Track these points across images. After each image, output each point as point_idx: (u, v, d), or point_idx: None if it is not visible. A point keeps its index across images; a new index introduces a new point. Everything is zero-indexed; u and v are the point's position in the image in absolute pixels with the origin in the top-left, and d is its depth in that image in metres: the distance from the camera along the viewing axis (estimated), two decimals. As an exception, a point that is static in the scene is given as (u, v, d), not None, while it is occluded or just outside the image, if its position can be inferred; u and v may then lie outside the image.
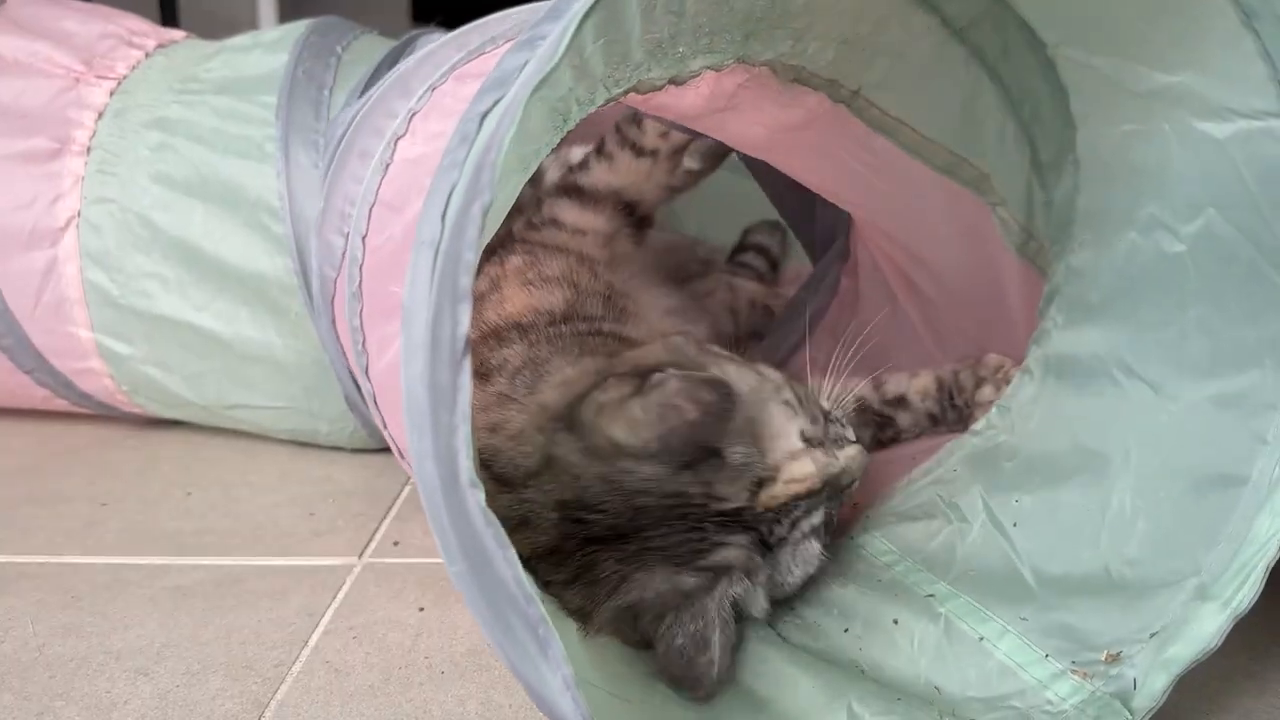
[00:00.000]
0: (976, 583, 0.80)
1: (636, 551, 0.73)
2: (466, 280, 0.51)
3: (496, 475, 0.75)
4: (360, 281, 0.87)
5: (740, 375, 0.82)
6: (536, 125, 0.60)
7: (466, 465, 0.51)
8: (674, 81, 0.74)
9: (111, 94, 1.21)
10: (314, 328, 1.11)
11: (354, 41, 1.25)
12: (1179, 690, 0.67)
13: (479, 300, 0.91)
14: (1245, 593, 0.67)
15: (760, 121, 0.89)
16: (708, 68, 0.74)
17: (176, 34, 1.34)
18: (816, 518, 0.79)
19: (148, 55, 1.27)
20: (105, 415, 1.32)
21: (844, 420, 0.87)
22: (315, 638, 0.85)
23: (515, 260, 0.97)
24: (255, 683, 0.78)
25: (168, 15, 2.79)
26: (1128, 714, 0.67)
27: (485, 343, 0.87)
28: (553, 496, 0.73)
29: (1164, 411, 0.78)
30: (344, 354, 1.07)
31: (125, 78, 1.23)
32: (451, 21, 1.29)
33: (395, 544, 1.01)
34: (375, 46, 1.24)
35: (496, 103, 0.56)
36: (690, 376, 0.73)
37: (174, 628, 0.86)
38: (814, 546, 0.79)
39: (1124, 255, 0.82)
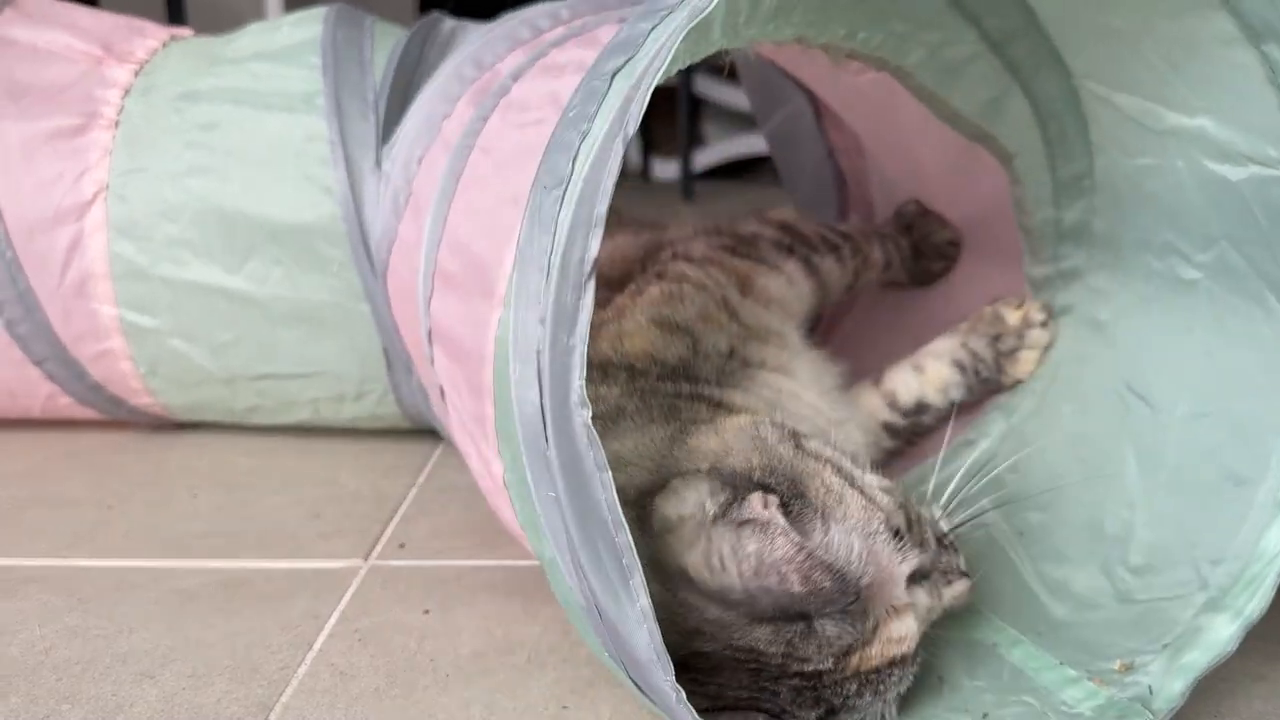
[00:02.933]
0: (988, 594, 0.81)
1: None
2: (602, 208, 0.55)
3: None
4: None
5: (846, 504, 0.68)
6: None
7: (578, 385, 0.54)
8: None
9: (135, 74, 1.22)
10: (356, 277, 1.13)
11: (373, 18, 1.27)
12: (1190, 694, 0.68)
13: (596, 327, 0.86)
14: (1257, 603, 0.69)
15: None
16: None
17: (185, 30, 1.35)
18: (905, 684, 0.68)
19: (163, 44, 1.28)
20: (106, 420, 1.32)
21: (956, 544, 0.75)
22: (320, 640, 0.85)
23: (654, 291, 0.92)
24: (260, 686, 0.78)
25: (174, 11, 2.81)
26: (1150, 715, 0.68)
27: (590, 373, 0.83)
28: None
29: (1163, 429, 0.81)
30: (388, 303, 1.08)
31: (146, 61, 1.24)
32: (459, 12, 1.30)
33: (401, 546, 1.01)
34: (393, 30, 1.26)
35: (628, 61, 0.63)
36: (804, 549, 0.63)
37: (179, 631, 0.86)
38: (892, 711, 0.68)
39: (1140, 277, 0.85)
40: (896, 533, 0.68)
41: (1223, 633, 0.69)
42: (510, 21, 1.11)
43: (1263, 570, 0.69)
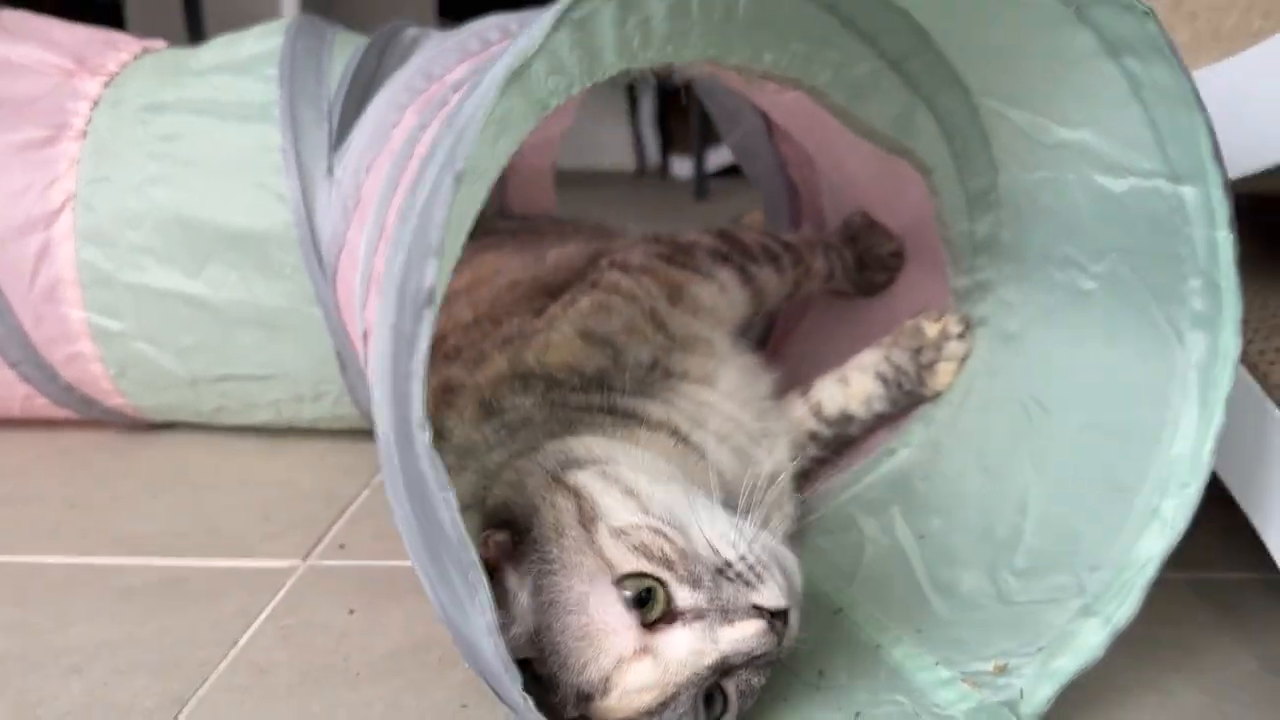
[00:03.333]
0: (880, 595, 0.82)
1: None
2: (437, 236, 0.56)
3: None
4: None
5: (566, 548, 0.67)
6: (516, 113, 0.64)
7: (418, 408, 0.55)
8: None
9: (105, 86, 1.26)
10: (309, 281, 1.16)
11: (338, 30, 1.30)
12: (1080, 705, 0.70)
13: (527, 337, 0.90)
14: (1125, 610, 0.70)
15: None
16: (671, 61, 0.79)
17: (158, 43, 1.39)
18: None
19: (135, 57, 1.32)
20: (86, 421, 1.36)
21: (758, 567, 0.66)
22: (245, 638, 0.87)
23: (585, 302, 0.93)
24: (178, 681, 0.81)
25: (192, 18, 2.88)
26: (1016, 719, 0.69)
27: (511, 382, 0.85)
28: None
29: (1059, 439, 0.82)
30: (338, 308, 1.12)
31: (116, 74, 1.28)
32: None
33: (341, 547, 1.04)
34: (355, 39, 1.29)
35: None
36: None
37: (114, 627, 0.89)
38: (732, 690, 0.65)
39: (1044, 289, 0.87)
40: (642, 576, 0.64)
41: (1092, 638, 0.71)
42: (463, 33, 1.14)
43: (1133, 577, 0.71)
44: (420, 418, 0.55)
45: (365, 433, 1.31)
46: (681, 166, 4.16)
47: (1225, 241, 0.69)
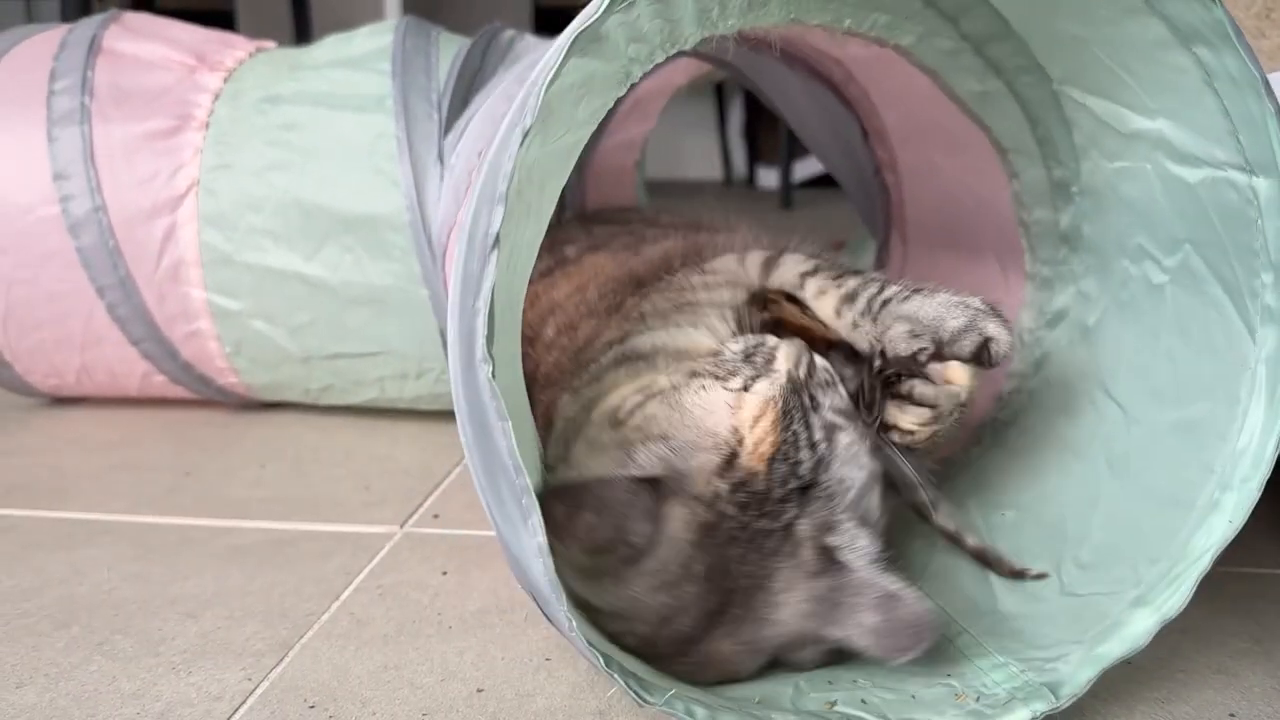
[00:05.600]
0: (944, 586, 0.85)
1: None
2: (503, 186, 0.61)
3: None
4: None
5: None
6: (598, 77, 0.68)
7: (481, 344, 0.60)
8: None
9: (225, 80, 1.35)
10: (417, 263, 1.24)
11: (441, 31, 1.38)
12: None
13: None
14: (1176, 600, 0.71)
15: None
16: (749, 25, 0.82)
17: (269, 43, 1.48)
18: (817, 420, 0.74)
19: (250, 55, 1.41)
20: (197, 400, 1.44)
21: (758, 350, 0.79)
22: (346, 594, 0.93)
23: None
24: (286, 628, 0.87)
25: (300, 22, 3.01)
26: (1053, 699, 0.70)
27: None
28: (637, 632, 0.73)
29: (1131, 434, 0.83)
30: (445, 286, 1.18)
31: (234, 70, 1.37)
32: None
33: (435, 516, 1.10)
34: (456, 40, 1.37)
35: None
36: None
37: (226, 580, 0.96)
38: (841, 438, 0.75)
39: (1119, 281, 0.88)
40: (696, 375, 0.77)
41: (1140, 626, 0.71)
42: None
43: (1187, 569, 0.71)
44: (484, 352, 0.60)
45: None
46: (768, 177, 4.19)
47: None
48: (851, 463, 0.74)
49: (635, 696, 0.64)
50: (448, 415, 1.37)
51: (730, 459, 0.72)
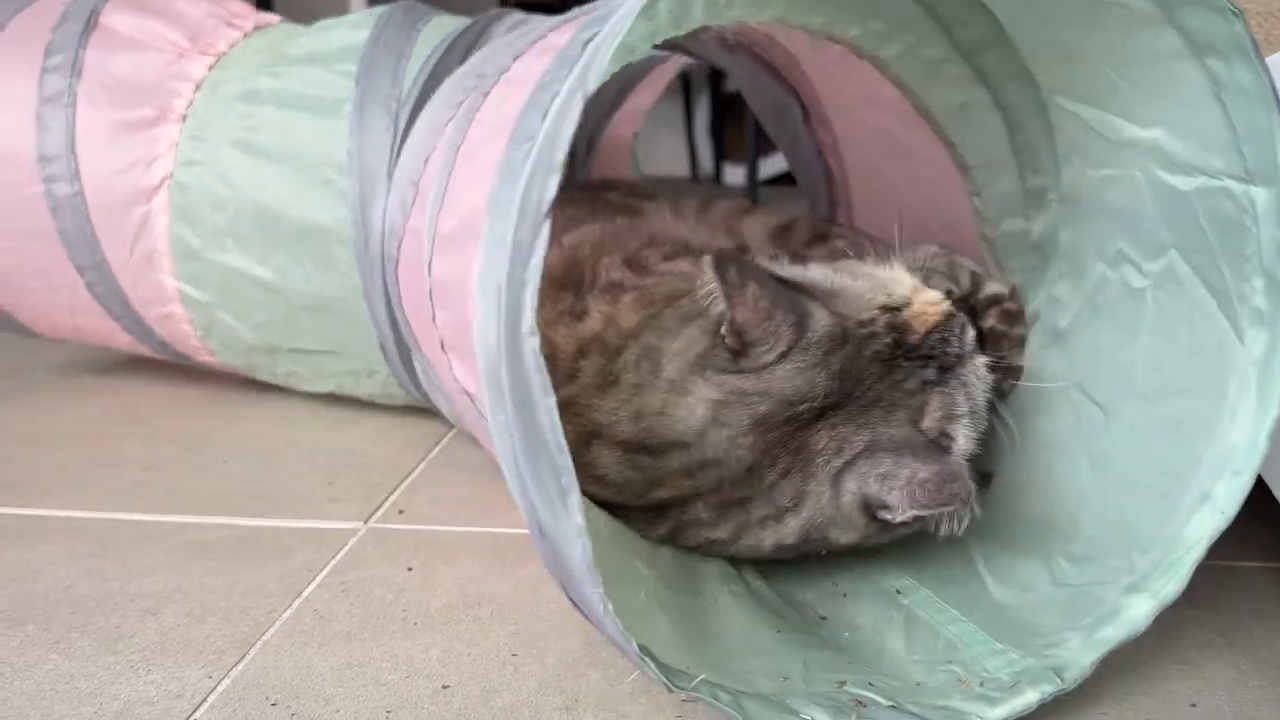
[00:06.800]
0: (937, 578, 0.86)
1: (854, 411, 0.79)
2: (560, 155, 0.60)
3: (653, 448, 0.82)
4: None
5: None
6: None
7: (529, 316, 0.59)
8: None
9: (210, 68, 1.33)
10: (359, 277, 1.22)
11: (434, 18, 1.35)
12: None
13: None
14: (1173, 586, 0.73)
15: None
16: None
17: (272, 18, 1.46)
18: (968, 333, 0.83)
19: (245, 35, 1.39)
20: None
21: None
22: (309, 590, 0.92)
23: None
24: (247, 625, 0.86)
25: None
26: (1059, 681, 0.71)
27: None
28: (743, 422, 0.79)
29: (1112, 432, 0.84)
30: (387, 302, 1.17)
31: (224, 55, 1.35)
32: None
33: (400, 512, 1.09)
34: (452, 24, 1.34)
35: (597, 34, 0.67)
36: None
37: (187, 576, 0.95)
38: (978, 359, 0.83)
39: (1094, 285, 0.89)
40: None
41: (1138, 611, 0.73)
42: (512, 36, 1.16)
43: (1183, 556, 0.73)
44: (531, 324, 0.59)
45: (424, 410, 1.36)
46: (734, 174, 4.19)
47: None
48: (979, 384, 0.82)
49: (664, 683, 0.64)
50: (413, 410, 1.37)
51: (896, 309, 0.81)
